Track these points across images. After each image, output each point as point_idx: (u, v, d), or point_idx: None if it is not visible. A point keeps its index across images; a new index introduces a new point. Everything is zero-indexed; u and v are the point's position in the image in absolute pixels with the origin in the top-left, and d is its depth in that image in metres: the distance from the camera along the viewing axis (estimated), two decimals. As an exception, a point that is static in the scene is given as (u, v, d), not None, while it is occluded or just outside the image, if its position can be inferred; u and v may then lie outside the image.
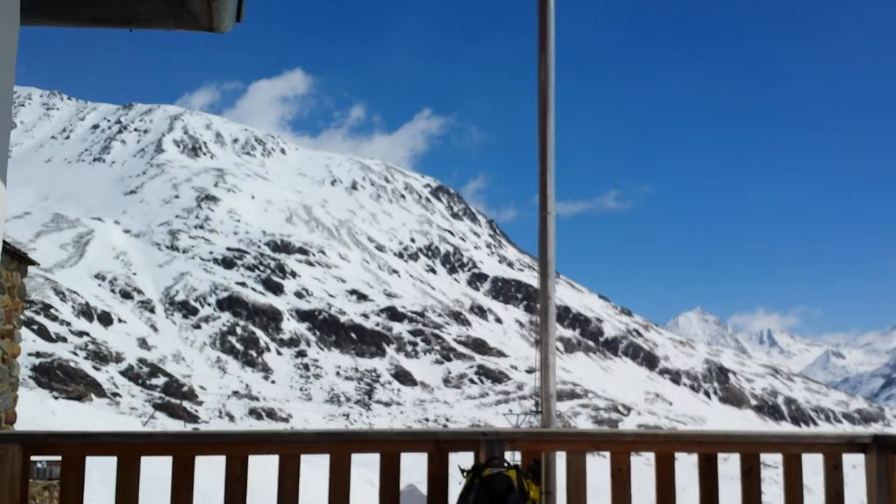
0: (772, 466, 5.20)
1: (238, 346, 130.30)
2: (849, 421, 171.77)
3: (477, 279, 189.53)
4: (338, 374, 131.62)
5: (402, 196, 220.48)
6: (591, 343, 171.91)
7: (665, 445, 4.76)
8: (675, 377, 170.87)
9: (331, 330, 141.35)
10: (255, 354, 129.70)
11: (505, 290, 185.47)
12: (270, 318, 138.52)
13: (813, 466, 4.92)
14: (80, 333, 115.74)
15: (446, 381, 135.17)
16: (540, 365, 5.14)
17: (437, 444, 4.49)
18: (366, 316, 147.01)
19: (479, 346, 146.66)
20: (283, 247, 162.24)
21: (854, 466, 5.08)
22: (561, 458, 4.77)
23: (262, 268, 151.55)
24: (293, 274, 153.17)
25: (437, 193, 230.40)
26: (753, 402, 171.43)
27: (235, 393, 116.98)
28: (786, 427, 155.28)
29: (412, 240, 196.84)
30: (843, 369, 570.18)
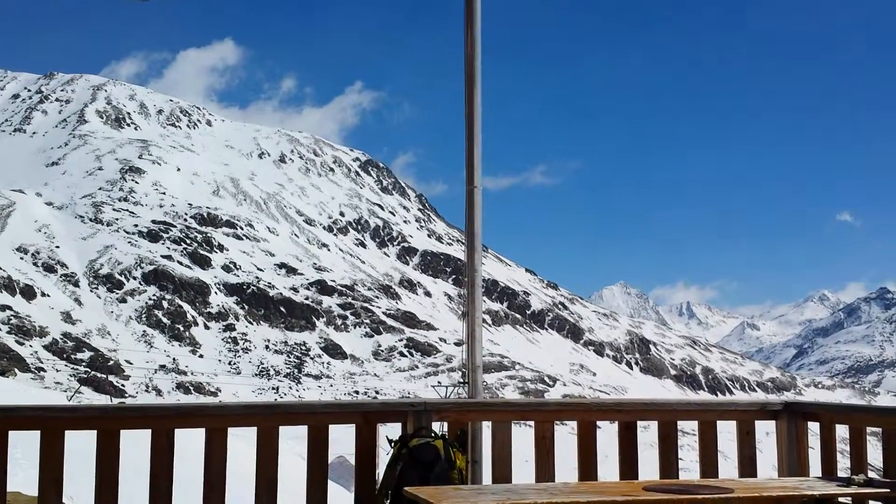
0: (690, 434, 5.37)
1: (165, 319, 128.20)
2: (762, 389, 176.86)
3: (406, 253, 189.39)
4: (267, 347, 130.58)
5: (332, 170, 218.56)
6: (518, 316, 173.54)
7: (587, 414, 4.89)
8: (599, 349, 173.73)
9: (259, 304, 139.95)
10: (182, 328, 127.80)
11: (434, 264, 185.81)
12: (197, 292, 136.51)
13: (728, 434, 5.10)
14: (3, 307, 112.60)
15: (376, 354, 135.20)
16: (467, 337, 5.22)
17: (366, 416, 4.53)
18: (295, 290, 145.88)
19: (409, 320, 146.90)
20: (210, 220, 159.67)
21: (767, 433, 5.29)
22: (487, 428, 4.87)
23: (188, 241, 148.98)
24: (221, 247, 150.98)
25: (366, 167, 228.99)
26: (673, 372, 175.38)
27: (162, 367, 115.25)
28: (703, 395, 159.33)
29: (341, 213, 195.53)
30: (758, 340, 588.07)
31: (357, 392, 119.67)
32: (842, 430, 5.01)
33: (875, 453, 4.82)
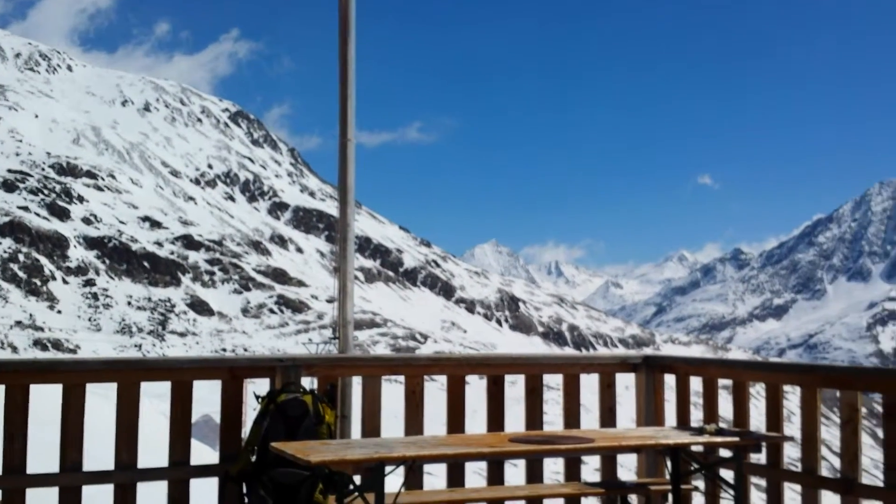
0: (555, 389, 5.53)
1: (21, 273, 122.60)
2: (624, 345, 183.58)
3: (277, 208, 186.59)
4: (129, 304, 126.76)
5: (199, 120, 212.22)
6: (390, 273, 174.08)
7: (457, 368, 4.96)
8: (470, 306, 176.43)
9: (122, 258, 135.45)
10: (39, 283, 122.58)
11: (306, 220, 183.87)
12: (56, 245, 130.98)
13: (591, 388, 5.27)
14: None
15: (245, 311, 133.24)
16: (338, 292, 5.19)
17: (232, 371, 4.46)
18: (160, 244, 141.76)
19: (280, 276, 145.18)
20: (70, 170, 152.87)
21: (627, 387, 5.50)
22: (357, 384, 4.87)
23: (46, 191, 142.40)
24: (80, 199, 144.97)
25: (235, 119, 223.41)
26: (540, 329, 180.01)
27: (18, 323, 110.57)
28: (569, 351, 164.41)
29: (209, 166, 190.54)
30: (621, 298, 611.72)
31: (225, 350, 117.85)
32: (696, 385, 5.27)
33: (726, 406, 5.09)
